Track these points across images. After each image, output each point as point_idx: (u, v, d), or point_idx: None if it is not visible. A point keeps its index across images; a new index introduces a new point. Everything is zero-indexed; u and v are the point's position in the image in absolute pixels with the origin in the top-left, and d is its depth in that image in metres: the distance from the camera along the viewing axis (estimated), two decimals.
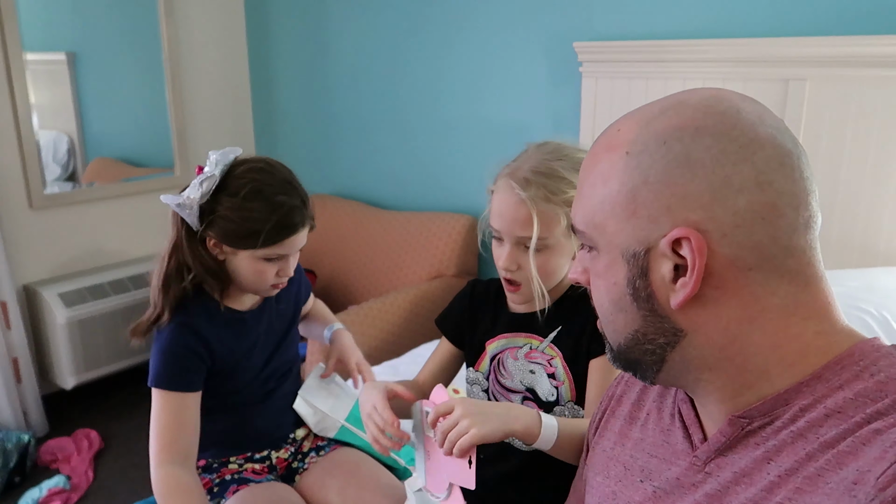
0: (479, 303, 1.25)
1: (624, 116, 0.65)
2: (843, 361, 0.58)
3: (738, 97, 0.62)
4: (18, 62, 2.53)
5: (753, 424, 0.61)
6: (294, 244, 1.25)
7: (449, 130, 2.71)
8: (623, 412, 0.81)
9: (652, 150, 0.60)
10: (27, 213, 2.64)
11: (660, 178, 0.59)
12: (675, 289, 0.60)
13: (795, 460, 0.56)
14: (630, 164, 0.61)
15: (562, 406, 1.15)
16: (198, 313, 1.26)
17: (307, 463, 1.43)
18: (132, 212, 2.96)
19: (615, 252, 0.63)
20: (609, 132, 0.65)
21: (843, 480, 0.52)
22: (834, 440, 0.55)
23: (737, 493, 0.60)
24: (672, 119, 0.60)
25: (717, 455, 0.64)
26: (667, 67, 2.04)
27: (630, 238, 0.61)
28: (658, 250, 0.60)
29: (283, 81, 3.24)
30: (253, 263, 1.23)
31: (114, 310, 2.73)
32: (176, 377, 1.23)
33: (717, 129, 0.58)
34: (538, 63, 2.40)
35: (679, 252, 0.59)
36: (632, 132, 0.62)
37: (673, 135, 0.59)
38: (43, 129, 2.72)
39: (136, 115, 3.02)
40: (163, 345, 1.24)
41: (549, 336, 1.15)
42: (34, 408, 2.60)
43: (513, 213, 1.07)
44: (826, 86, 1.81)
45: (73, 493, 2.27)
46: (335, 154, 3.14)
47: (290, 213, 1.21)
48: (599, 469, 0.79)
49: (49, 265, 2.74)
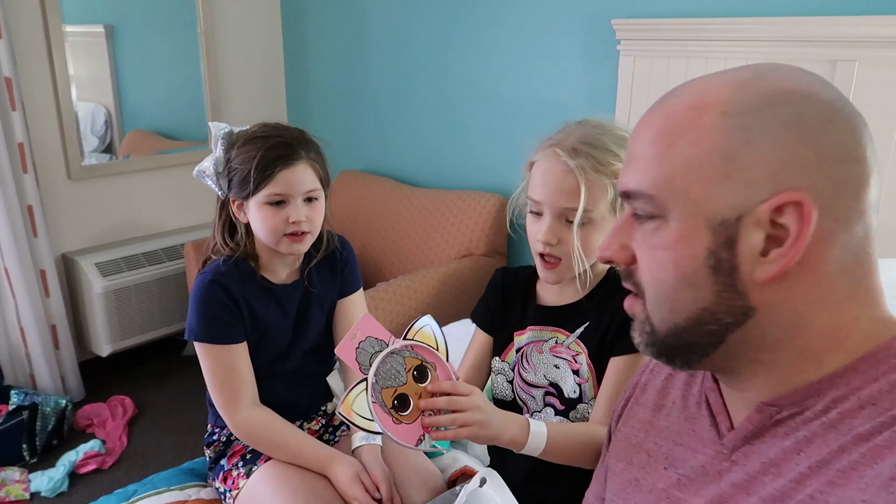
0: (510, 292, 1.23)
1: (700, 79, 0.61)
2: (880, 353, 0.57)
3: (813, 74, 0.60)
4: (58, 33, 2.56)
5: (783, 414, 0.59)
6: (290, 181, 1.22)
7: (482, 108, 2.68)
8: (648, 400, 0.79)
9: (756, 111, 0.56)
10: (66, 184, 2.69)
11: (767, 140, 0.55)
12: (763, 261, 0.56)
13: (827, 452, 0.55)
14: (729, 124, 0.56)
15: (585, 403, 1.13)
16: (229, 273, 1.29)
17: (338, 436, 1.45)
18: (167, 184, 3.00)
19: (697, 219, 0.57)
20: (689, 93, 0.60)
21: (879, 475, 0.51)
22: (868, 433, 0.53)
23: (764, 484, 0.58)
24: (775, 82, 0.57)
25: (744, 443, 0.62)
26: (707, 46, 1.99)
27: (720, 204, 0.56)
28: (753, 217, 0.56)
29: (317, 56, 3.23)
30: (260, 212, 1.24)
31: (148, 280, 2.78)
32: (217, 330, 1.27)
33: (825, 95, 0.56)
34: (575, 40, 2.36)
35: (777, 221, 0.55)
36: (726, 92, 0.57)
37: (780, 97, 0.56)
38: (81, 101, 2.75)
39: (171, 89, 3.05)
40: (196, 300, 1.28)
41: (576, 332, 1.14)
42: (71, 374, 2.67)
43: (559, 182, 1.04)
44: (876, 68, 1.74)
45: (107, 456, 2.33)
46: (367, 130, 3.13)
47: (278, 147, 1.22)
48: (622, 456, 0.78)
49: (86, 235, 2.79)
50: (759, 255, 0.56)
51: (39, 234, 2.49)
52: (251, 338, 1.32)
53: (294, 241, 1.27)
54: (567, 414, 1.15)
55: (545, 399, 1.16)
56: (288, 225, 1.24)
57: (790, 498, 0.56)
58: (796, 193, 0.54)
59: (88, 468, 2.27)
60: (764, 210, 0.55)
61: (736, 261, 0.57)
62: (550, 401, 1.16)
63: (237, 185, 1.25)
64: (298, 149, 1.24)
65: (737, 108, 0.57)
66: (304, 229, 1.26)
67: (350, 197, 2.96)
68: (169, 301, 2.87)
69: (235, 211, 1.30)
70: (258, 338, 1.32)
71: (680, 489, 0.67)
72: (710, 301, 0.59)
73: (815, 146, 0.55)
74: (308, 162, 1.25)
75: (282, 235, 1.26)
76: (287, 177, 1.22)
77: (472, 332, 1.29)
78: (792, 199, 0.54)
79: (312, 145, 1.29)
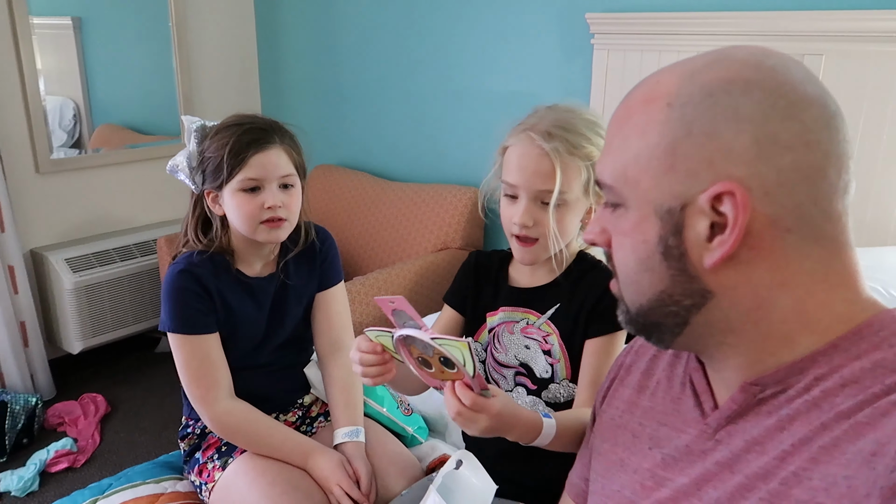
0: (482, 273, 1.23)
1: (662, 69, 0.62)
2: (863, 331, 0.57)
3: (785, 56, 0.60)
4: (25, 25, 2.50)
5: (766, 392, 0.60)
6: (263, 164, 1.22)
7: (457, 102, 2.68)
8: (632, 381, 0.80)
9: (697, 102, 0.57)
10: (34, 178, 2.64)
11: (704, 131, 0.57)
12: (710, 247, 0.58)
13: (810, 430, 0.55)
14: (672, 115, 0.58)
15: (557, 383, 1.15)
16: (202, 265, 1.28)
17: (315, 427, 1.44)
18: (139, 179, 2.95)
19: (647, 208, 0.60)
20: (646, 85, 0.62)
21: (861, 451, 0.51)
22: (850, 410, 0.54)
23: (748, 462, 0.59)
24: (719, 72, 0.58)
25: (728, 423, 0.63)
26: (680, 40, 2.01)
27: (666, 193, 0.59)
28: (696, 206, 0.57)
29: (291, 50, 3.21)
30: (235, 199, 1.23)
31: (120, 276, 2.74)
32: (190, 320, 1.25)
33: (766, 84, 0.57)
34: (549, 34, 2.37)
35: (718, 209, 0.57)
36: (673, 84, 0.59)
37: (721, 87, 0.57)
38: (49, 95, 2.70)
39: (142, 82, 3.00)
40: (168, 290, 1.26)
41: (547, 314, 1.15)
42: (41, 371, 2.62)
43: (535, 165, 1.05)
44: (842, 61, 1.78)
45: (79, 455, 2.30)
46: (342, 124, 3.12)
47: (250, 132, 1.22)
48: (607, 436, 0.79)
49: (56, 230, 2.74)
50: (705, 241, 0.58)
51: (7, 229, 2.44)
52: (223, 329, 1.30)
53: (272, 228, 1.25)
54: (539, 394, 1.16)
55: (516, 379, 1.17)
56: (263, 211, 1.23)
57: (774, 475, 0.56)
58: (730, 183, 0.55)
59: (60, 467, 2.23)
60: (704, 199, 0.57)
61: (684, 247, 0.59)
62: (521, 380, 1.17)
63: (211, 174, 1.24)
64: (272, 133, 1.24)
65: (680, 99, 0.58)
66: (281, 215, 1.24)
67: (326, 191, 2.94)
68: (141, 297, 2.82)
69: (210, 204, 1.28)
70: (231, 330, 1.31)
71: (665, 469, 0.68)
72: (666, 284, 0.61)
73: (754, 135, 0.56)
74: (282, 147, 1.24)
75: (258, 223, 1.24)
76: (261, 160, 1.21)
77: None
78: (726, 188, 0.55)
79: (287, 133, 1.28)
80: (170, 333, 1.26)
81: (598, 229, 0.67)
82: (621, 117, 0.63)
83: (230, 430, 1.28)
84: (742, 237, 0.56)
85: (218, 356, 1.28)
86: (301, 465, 1.27)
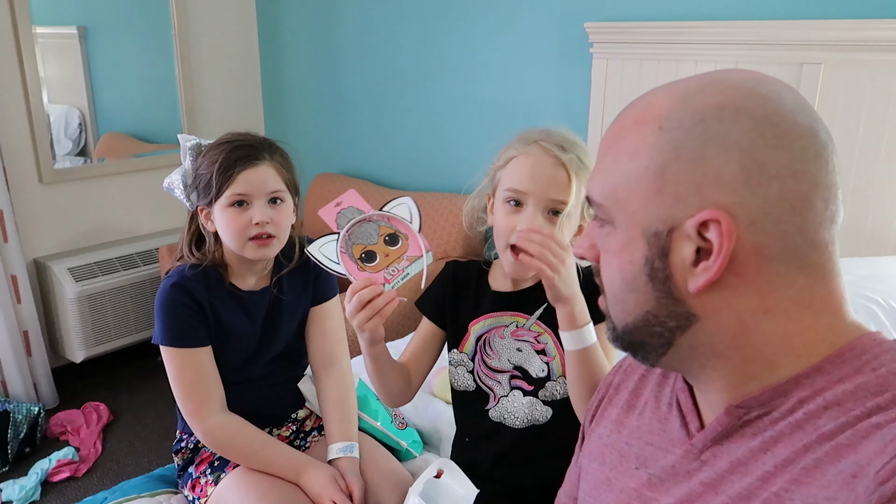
0: (460, 284, 1.23)
1: (656, 90, 0.62)
2: (845, 355, 0.57)
3: (779, 82, 0.60)
4: (28, 35, 2.52)
5: (751, 415, 0.60)
6: (251, 180, 1.22)
7: (456, 111, 2.69)
8: (620, 400, 0.80)
9: (688, 127, 0.57)
10: (37, 188, 2.66)
11: (693, 157, 0.57)
12: (695, 272, 0.58)
13: (792, 451, 0.56)
14: (663, 139, 0.58)
15: (554, 381, 1.15)
16: (195, 278, 1.29)
17: (309, 442, 1.44)
18: (141, 188, 2.97)
19: (635, 230, 0.60)
20: (639, 105, 0.62)
21: (842, 473, 0.51)
22: (832, 432, 0.54)
23: (732, 483, 0.59)
24: (711, 97, 0.58)
25: (713, 444, 0.63)
26: (679, 49, 2.01)
27: (653, 216, 0.59)
28: (682, 231, 0.57)
29: (293, 59, 3.22)
30: (224, 215, 1.24)
31: (122, 285, 2.75)
32: (182, 333, 1.26)
33: (757, 112, 0.56)
34: (548, 43, 2.37)
35: (704, 235, 0.57)
36: (666, 107, 0.59)
37: (712, 113, 0.57)
38: (54, 104, 2.72)
39: (146, 91, 3.02)
40: (161, 304, 1.27)
41: (535, 314, 1.15)
42: (44, 380, 2.64)
43: (551, 173, 1.05)
44: (841, 70, 1.77)
45: (81, 464, 2.31)
46: (344, 133, 3.12)
47: (240, 148, 1.23)
48: (595, 456, 0.79)
49: (59, 240, 2.75)
50: (690, 266, 0.58)
51: (10, 238, 2.46)
52: (216, 343, 1.31)
53: (260, 246, 1.25)
54: (536, 394, 1.16)
55: (511, 382, 1.17)
56: (251, 227, 1.23)
57: (756, 496, 0.56)
58: (716, 211, 0.55)
59: (61, 476, 2.24)
60: (691, 225, 0.57)
61: (669, 270, 0.59)
62: (517, 384, 1.17)
63: (202, 191, 1.25)
64: (261, 150, 1.24)
65: (671, 123, 0.58)
66: (269, 231, 1.24)
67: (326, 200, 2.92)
68: (144, 306, 2.84)
69: (203, 220, 1.29)
70: (223, 343, 1.31)
71: (650, 489, 0.68)
72: (651, 305, 0.61)
73: (742, 163, 0.56)
74: (271, 163, 1.25)
75: (247, 240, 1.24)
76: (248, 176, 1.22)
77: None
78: (712, 216, 0.55)
79: (277, 150, 1.28)
80: (162, 347, 1.27)
81: (587, 244, 0.68)
82: (613, 136, 0.63)
83: (222, 445, 1.28)
84: (726, 264, 0.56)
85: (210, 370, 1.28)
86: (294, 479, 1.27)
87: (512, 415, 1.17)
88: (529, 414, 1.16)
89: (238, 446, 1.28)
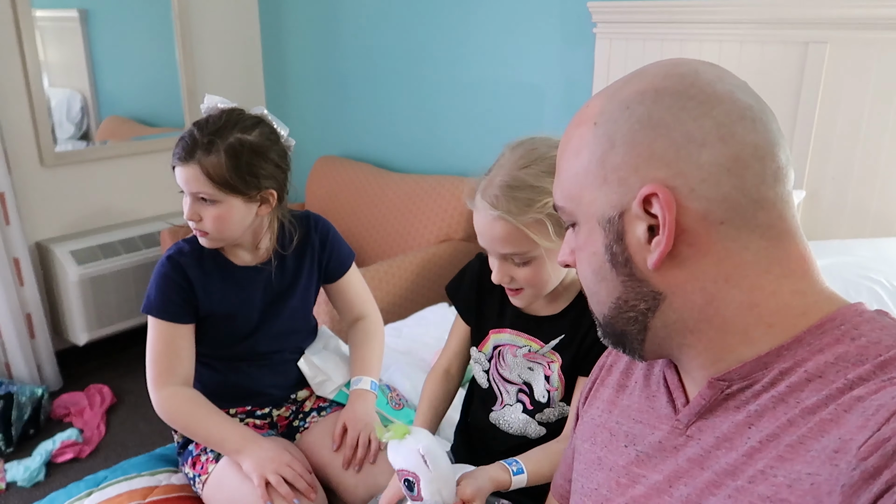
0: (487, 284, 1.19)
1: (594, 95, 0.67)
2: (825, 325, 0.58)
3: (697, 61, 0.64)
4: (28, 19, 2.51)
5: (733, 387, 0.61)
6: (179, 177, 1.23)
7: (459, 92, 2.67)
8: (612, 380, 0.81)
9: (616, 117, 0.62)
10: (38, 171, 2.66)
11: (625, 141, 0.61)
12: (650, 249, 0.60)
13: (777, 426, 0.56)
14: (598, 133, 0.63)
15: (551, 408, 1.16)
16: (189, 254, 1.31)
17: (308, 422, 1.45)
18: (143, 171, 2.97)
19: (592, 221, 0.64)
20: (580, 111, 0.67)
21: (825, 448, 0.52)
22: (815, 406, 0.54)
23: (717, 458, 0.60)
24: (634, 85, 0.63)
25: (698, 418, 0.64)
26: (682, 29, 1.99)
27: (604, 204, 0.62)
28: (631, 212, 0.61)
29: (295, 41, 3.20)
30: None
31: (125, 268, 2.76)
32: (164, 306, 1.29)
33: (675, 89, 0.60)
34: (551, 23, 2.35)
35: (650, 211, 0.59)
36: (598, 105, 0.64)
37: (635, 99, 0.61)
38: (56, 87, 2.72)
39: (147, 74, 3.01)
40: (154, 274, 1.31)
41: (550, 343, 1.14)
42: (48, 363, 2.65)
43: (490, 231, 1.03)
44: (846, 49, 1.75)
45: (85, 445, 2.32)
46: (345, 115, 3.11)
47: (181, 142, 1.23)
48: (587, 436, 0.80)
49: (61, 223, 2.76)
50: (645, 244, 0.61)
51: (12, 221, 2.46)
52: (209, 318, 1.32)
53: (200, 236, 1.28)
54: (534, 414, 1.17)
55: (518, 395, 1.19)
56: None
57: (741, 472, 0.57)
58: (654, 185, 0.59)
59: (65, 457, 2.26)
60: (636, 204, 0.60)
61: (628, 252, 0.62)
62: (522, 398, 1.18)
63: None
64: (195, 150, 1.20)
65: (603, 117, 0.63)
66: (201, 228, 1.25)
67: (328, 182, 2.94)
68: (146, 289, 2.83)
69: None
70: (216, 317, 1.32)
71: (639, 465, 0.69)
72: (619, 290, 0.65)
73: (669, 137, 0.59)
74: (199, 165, 1.20)
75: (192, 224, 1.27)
76: (178, 173, 1.23)
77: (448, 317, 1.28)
78: (650, 191, 0.59)
79: (218, 149, 1.21)
80: (148, 315, 1.30)
81: (567, 250, 0.72)
82: (563, 143, 0.68)
83: (170, 413, 1.28)
84: (676, 235, 0.59)
85: (182, 347, 1.29)
86: (234, 456, 1.25)
87: (508, 423, 1.19)
88: (524, 429, 1.18)
89: (183, 415, 1.28)
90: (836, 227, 1.84)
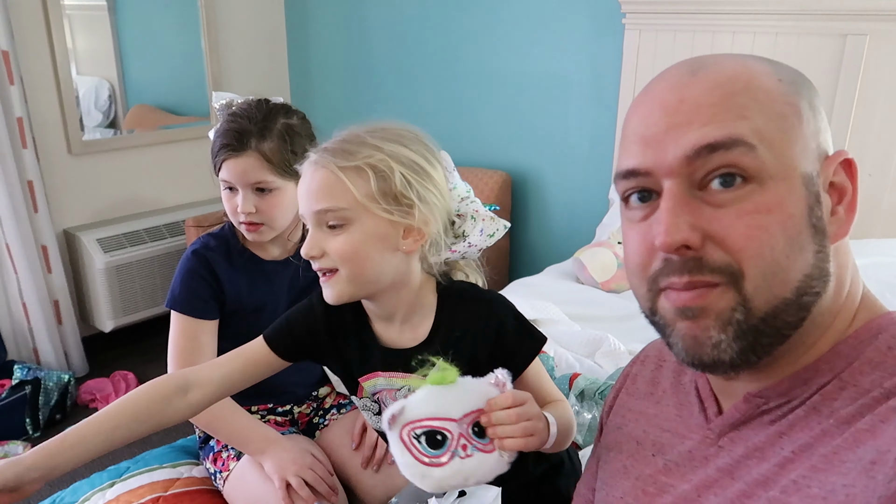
0: (335, 328, 1.01)
1: (708, 59, 0.58)
2: (861, 336, 0.56)
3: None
4: (56, 7, 2.53)
5: (770, 404, 0.59)
6: (232, 171, 1.18)
7: (485, 83, 2.64)
8: (638, 390, 0.79)
9: (799, 83, 0.59)
10: (66, 159, 2.68)
11: (811, 105, 0.58)
12: (832, 220, 0.56)
13: (810, 436, 0.54)
14: (790, 89, 0.57)
15: None
16: (216, 249, 1.29)
17: (328, 419, 1.44)
18: (169, 160, 2.99)
19: (793, 175, 0.54)
20: (723, 67, 0.57)
21: (861, 460, 0.50)
22: (850, 416, 0.53)
23: (749, 468, 0.58)
24: (790, 68, 0.60)
25: (731, 429, 0.62)
26: (715, 20, 1.93)
27: (803, 159, 0.55)
28: (824, 175, 0.57)
29: (320, 32, 3.19)
30: (222, 194, 1.23)
31: (150, 256, 2.78)
32: (190, 301, 1.26)
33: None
34: (580, 14, 2.31)
35: (833, 181, 0.57)
36: (764, 66, 0.58)
37: (799, 77, 0.59)
38: (84, 76, 2.74)
39: (174, 63, 3.03)
40: (179, 269, 1.28)
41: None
42: (74, 349, 2.69)
43: (307, 186, 0.89)
44: (887, 41, 1.69)
45: None
46: (370, 106, 3.09)
47: (227, 135, 1.18)
48: (612, 445, 0.78)
49: (88, 211, 2.79)
50: (830, 214, 0.57)
51: (40, 209, 2.49)
52: (235, 312, 1.31)
53: (249, 230, 1.23)
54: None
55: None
56: (238, 213, 1.21)
57: (774, 483, 0.55)
58: (845, 152, 0.57)
59: None
60: (830, 167, 0.57)
61: (823, 220, 0.55)
62: None
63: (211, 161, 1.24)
64: (248, 138, 1.17)
65: (786, 78, 0.58)
66: (254, 220, 1.21)
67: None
68: (170, 277, 2.80)
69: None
70: (243, 312, 1.31)
71: (667, 475, 0.67)
72: (811, 266, 0.54)
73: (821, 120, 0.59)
74: (255, 152, 1.17)
75: (239, 223, 1.24)
76: (230, 166, 1.18)
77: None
78: (847, 156, 0.57)
79: (272, 133, 1.19)
80: (171, 311, 1.28)
81: (686, 226, 0.54)
82: (722, 81, 0.56)
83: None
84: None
85: (206, 343, 1.27)
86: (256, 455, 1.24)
87: None
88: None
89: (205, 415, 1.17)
90: (872, 227, 1.79)
